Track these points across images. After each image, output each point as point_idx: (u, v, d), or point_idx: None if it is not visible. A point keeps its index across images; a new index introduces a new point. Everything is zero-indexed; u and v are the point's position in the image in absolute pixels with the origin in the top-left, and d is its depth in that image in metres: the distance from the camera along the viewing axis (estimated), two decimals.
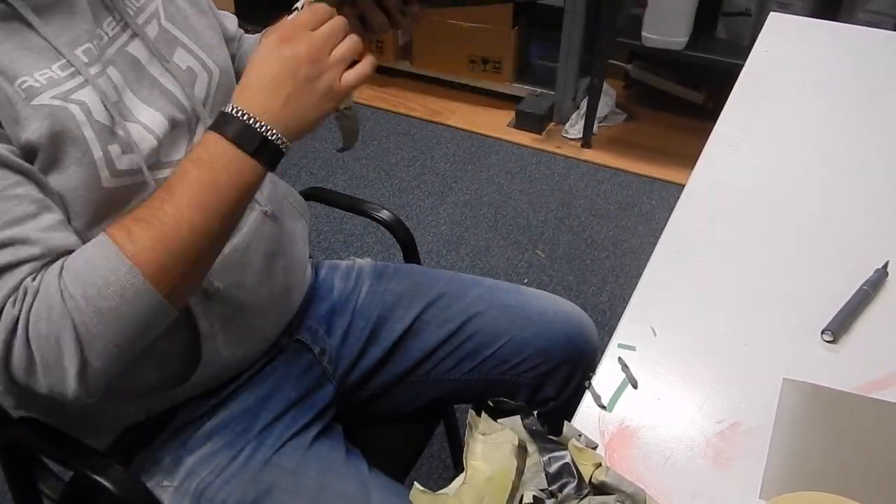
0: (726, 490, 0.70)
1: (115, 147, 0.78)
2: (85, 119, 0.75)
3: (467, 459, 0.66)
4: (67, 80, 0.75)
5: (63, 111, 0.74)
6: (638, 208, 2.49)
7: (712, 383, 0.80)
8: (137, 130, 0.81)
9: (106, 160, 0.77)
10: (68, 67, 0.76)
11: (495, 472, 0.64)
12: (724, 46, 2.43)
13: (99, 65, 0.79)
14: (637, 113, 2.94)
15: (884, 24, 2.19)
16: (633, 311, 0.88)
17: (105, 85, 0.78)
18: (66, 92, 0.75)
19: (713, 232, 0.99)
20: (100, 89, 0.77)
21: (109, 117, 0.77)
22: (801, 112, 1.24)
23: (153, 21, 0.87)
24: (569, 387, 1.10)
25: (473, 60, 2.94)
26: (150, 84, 0.84)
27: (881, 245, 0.96)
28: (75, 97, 0.75)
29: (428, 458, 1.72)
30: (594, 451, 0.68)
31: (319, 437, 0.97)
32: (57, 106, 0.74)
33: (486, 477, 0.64)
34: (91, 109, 0.76)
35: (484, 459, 0.65)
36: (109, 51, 0.81)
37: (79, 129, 0.75)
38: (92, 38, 0.79)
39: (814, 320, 0.85)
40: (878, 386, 0.79)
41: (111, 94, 0.79)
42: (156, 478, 0.92)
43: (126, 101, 0.81)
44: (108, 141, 0.77)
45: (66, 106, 0.74)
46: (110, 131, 0.77)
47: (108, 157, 0.77)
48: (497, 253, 2.31)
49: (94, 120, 0.76)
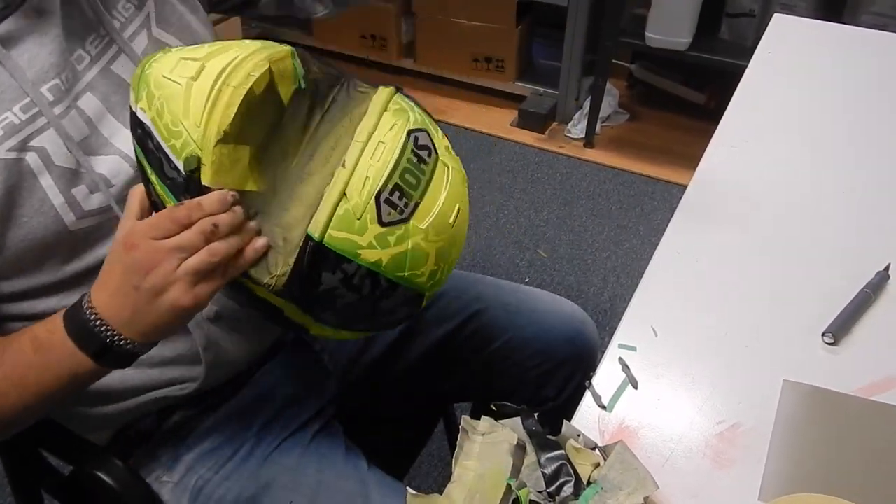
0: (726, 491, 0.70)
1: (80, 189, 0.77)
2: (43, 166, 0.74)
3: (457, 461, 0.65)
4: (27, 125, 0.74)
5: (18, 163, 0.73)
6: (640, 208, 2.49)
7: (713, 384, 0.80)
8: (112, 163, 0.79)
9: (69, 204, 0.76)
10: (31, 108, 0.74)
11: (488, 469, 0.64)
12: (727, 47, 2.43)
13: (67, 100, 0.77)
14: (640, 113, 2.94)
15: (888, 26, 2.19)
16: (633, 311, 0.88)
17: (71, 124, 0.76)
18: (25, 139, 0.73)
19: (715, 233, 0.99)
20: (63, 132, 0.75)
21: (74, 160, 0.76)
22: (804, 113, 1.24)
23: (142, 32, 0.85)
24: (569, 387, 1.10)
25: (476, 59, 2.94)
26: None
27: (882, 247, 0.96)
28: (34, 143, 0.74)
29: (427, 456, 1.72)
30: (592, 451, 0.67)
31: (319, 435, 0.97)
32: (12, 159, 0.72)
33: (477, 474, 0.64)
34: (51, 154, 0.75)
35: (478, 459, 0.65)
36: (88, 75, 0.79)
37: (35, 178, 0.74)
38: (62, 70, 0.76)
39: (814, 322, 0.85)
40: (879, 388, 0.79)
41: (80, 131, 0.77)
42: (155, 473, 0.92)
43: (103, 129, 0.80)
44: (72, 183, 0.76)
45: (23, 157, 0.73)
46: (74, 173, 0.76)
47: (71, 200, 0.76)
48: (498, 252, 2.31)
49: (53, 166, 0.75)
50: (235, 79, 0.65)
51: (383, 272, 0.68)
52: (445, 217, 0.70)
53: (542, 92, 2.89)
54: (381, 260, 0.67)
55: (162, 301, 0.66)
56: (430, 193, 0.69)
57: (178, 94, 0.66)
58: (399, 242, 0.67)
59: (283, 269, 0.67)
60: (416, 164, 0.68)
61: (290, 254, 0.67)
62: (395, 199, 0.66)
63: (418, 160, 0.68)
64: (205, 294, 0.67)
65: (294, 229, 0.67)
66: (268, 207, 0.68)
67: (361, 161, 0.66)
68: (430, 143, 0.70)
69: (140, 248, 0.66)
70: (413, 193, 0.68)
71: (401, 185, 0.67)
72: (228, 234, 0.66)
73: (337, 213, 0.65)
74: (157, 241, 0.65)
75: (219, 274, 0.66)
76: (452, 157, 0.73)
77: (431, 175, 0.69)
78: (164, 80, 0.67)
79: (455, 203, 0.71)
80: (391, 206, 0.66)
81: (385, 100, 0.71)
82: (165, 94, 0.66)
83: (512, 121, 2.89)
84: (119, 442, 0.94)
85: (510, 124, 2.89)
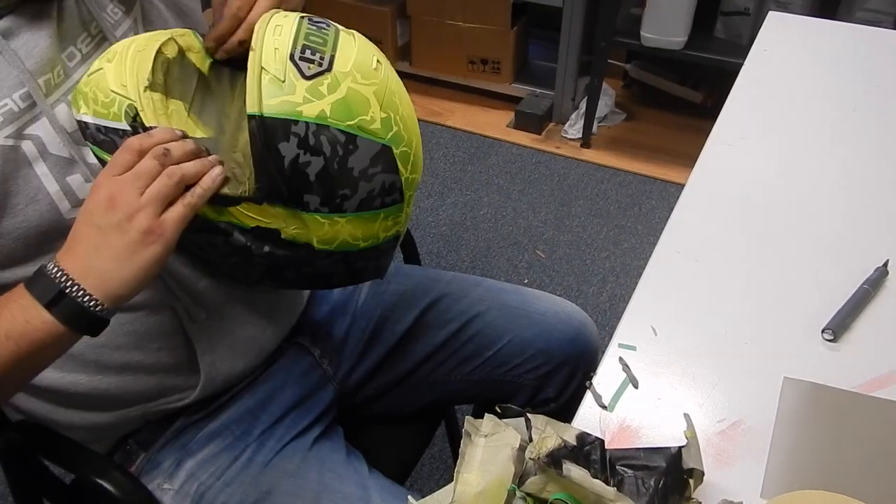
0: (727, 489, 0.70)
1: (75, 178, 0.78)
2: (38, 154, 0.76)
3: (459, 472, 0.65)
4: (25, 113, 0.75)
5: (14, 151, 0.74)
6: (638, 208, 2.49)
7: (713, 382, 0.80)
8: None
9: (65, 192, 0.77)
10: (28, 98, 0.75)
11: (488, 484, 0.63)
12: (722, 46, 2.43)
13: (58, 93, 0.78)
14: (636, 112, 2.94)
15: (882, 23, 2.19)
16: (633, 310, 0.88)
17: (63, 115, 0.78)
18: (21, 127, 0.75)
19: (713, 231, 0.99)
20: (56, 122, 0.76)
21: (67, 150, 0.77)
22: (801, 111, 1.24)
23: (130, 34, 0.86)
24: (569, 387, 1.10)
25: (472, 61, 2.94)
26: None
27: (881, 243, 0.96)
28: (29, 131, 0.75)
29: (429, 458, 1.72)
30: None
31: (320, 439, 0.97)
32: (9, 146, 0.74)
33: (477, 492, 0.63)
34: (45, 143, 0.76)
35: (480, 469, 0.65)
36: (79, 72, 0.80)
37: (30, 166, 0.75)
38: (55, 65, 0.78)
39: (814, 319, 0.85)
40: (879, 384, 0.79)
41: (71, 124, 0.78)
42: (156, 480, 0.92)
43: None
44: (67, 172, 0.77)
45: (19, 144, 0.74)
46: (68, 162, 0.77)
47: (66, 188, 0.77)
48: (497, 253, 2.31)
49: (48, 154, 0.76)
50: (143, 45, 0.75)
51: (332, 124, 0.70)
52: (367, 62, 0.74)
53: (538, 93, 2.90)
54: (323, 111, 0.70)
55: (129, 234, 0.66)
56: (342, 47, 0.73)
57: (102, 75, 0.73)
58: (332, 90, 0.70)
59: (248, 173, 0.72)
60: (318, 30, 0.73)
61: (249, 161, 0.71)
62: (309, 55, 0.71)
63: (318, 28, 0.74)
64: (171, 221, 0.67)
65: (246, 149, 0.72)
66: (218, 148, 0.74)
67: (265, 39, 0.71)
68: (324, 21, 0.76)
69: (101, 187, 0.67)
70: (324, 49, 0.72)
71: (308, 45, 0.72)
72: (184, 160, 0.69)
73: (262, 84, 0.69)
74: (117, 177, 0.67)
75: (185, 202, 0.68)
76: None
77: (336, 36, 0.74)
78: (88, 77, 0.74)
79: (370, 52, 0.75)
80: (307, 62, 0.71)
81: None
82: (92, 82, 0.73)
83: (508, 122, 2.90)
84: (120, 450, 0.94)
85: (507, 126, 2.89)
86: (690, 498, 0.65)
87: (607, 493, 0.61)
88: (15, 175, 0.74)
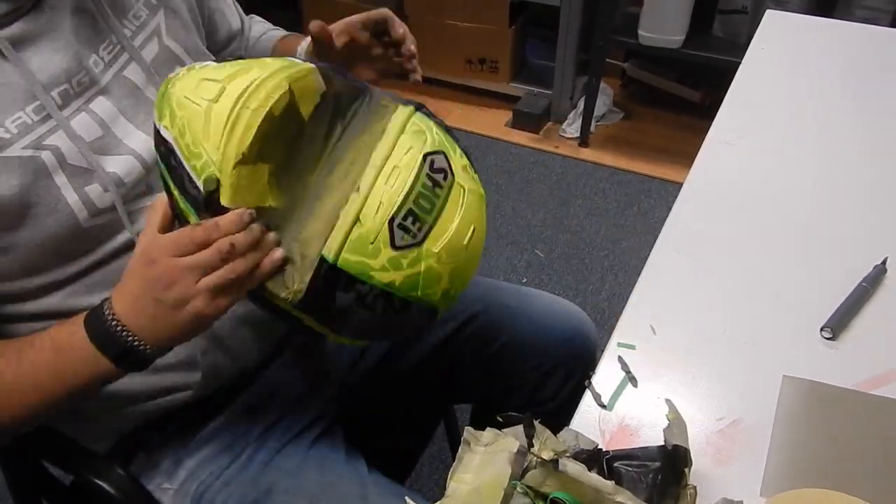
0: (727, 487, 0.70)
1: (94, 187, 0.78)
2: (57, 164, 0.76)
3: (453, 474, 0.65)
4: (40, 125, 0.75)
5: (34, 161, 0.74)
6: (636, 207, 2.49)
7: (712, 381, 0.80)
8: (124, 162, 0.81)
9: (84, 202, 0.78)
10: (42, 110, 0.75)
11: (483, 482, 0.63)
12: (720, 44, 2.43)
13: (78, 102, 0.78)
14: (634, 111, 2.94)
15: (880, 21, 2.19)
16: (632, 309, 0.88)
17: (81, 125, 0.78)
18: (39, 138, 0.75)
19: (712, 230, 0.99)
20: (72, 133, 0.77)
21: (85, 160, 0.78)
22: (798, 109, 1.24)
23: (153, 39, 0.86)
24: (567, 386, 1.10)
25: (470, 60, 2.94)
26: (146, 108, 0.84)
27: (879, 241, 0.96)
28: (48, 142, 0.75)
29: (428, 458, 1.72)
30: None
31: (320, 439, 0.97)
32: (27, 157, 0.74)
33: (472, 487, 0.63)
34: (64, 153, 0.76)
35: (476, 472, 0.65)
36: (103, 80, 0.81)
37: (49, 177, 0.75)
38: (74, 74, 0.78)
39: (813, 317, 0.85)
40: (878, 382, 0.79)
41: (92, 132, 0.79)
42: (155, 480, 0.92)
43: (117, 130, 0.81)
44: (86, 182, 0.78)
45: (38, 154, 0.75)
46: (87, 172, 0.78)
47: (85, 198, 0.78)
48: (496, 253, 2.31)
49: (67, 164, 0.77)
50: (254, 101, 0.66)
51: (396, 292, 0.69)
52: (460, 239, 0.71)
53: (536, 92, 2.90)
54: (394, 281, 0.68)
55: (184, 312, 0.69)
56: (444, 216, 0.70)
57: (199, 115, 0.67)
58: (412, 265, 0.68)
59: (299, 286, 0.68)
60: (431, 189, 0.69)
61: (306, 271, 0.68)
62: (409, 223, 0.67)
63: (433, 184, 0.69)
64: (224, 305, 0.69)
65: (311, 245, 0.68)
66: (286, 222, 0.69)
67: (376, 186, 0.67)
68: (446, 165, 0.70)
69: (159, 265, 0.68)
70: (426, 218, 0.68)
71: (414, 211, 0.67)
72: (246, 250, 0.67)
73: (350, 237, 0.67)
74: (176, 259, 0.67)
75: (237, 286, 0.68)
76: (470, 177, 0.73)
77: (446, 198, 0.70)
78: (186, 100, 0.68)
79: (470, 224, 0.71)
80: (404, 231, 0.67)
81: (403, 120, 0.71)
82: (187, 114, 0.68)
83: (506, 121, 2.89)
84: (120, 450, 0.94)
85: (505, 125, 2.89)
86: (687, 485, 0.66)
87: (606, 487, 0.61)
88: (35, 186, 0.75)
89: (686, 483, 0.66)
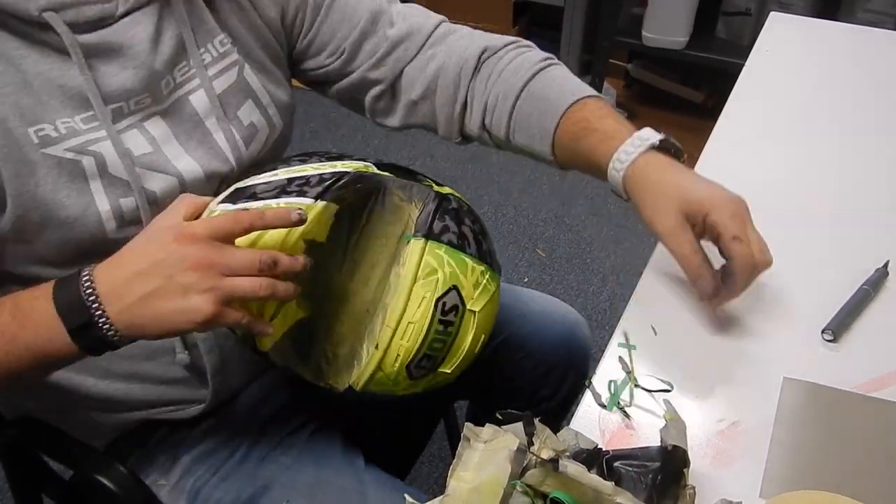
0: (726, 489, 0.70)
1: (128, 200, 0.77)
2: (96, 172, 0.74)
3: (453, 472, 0.65)
4: (88, 133, 0.74)
5: (74, 164, 0.73)
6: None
7: (712, 382, 0.80)
8: (167, 182, 0.79)
9: (114, 213, 0.76)
10: (93, 121, 0.74)
11: (483, 481, 0.63)
12: (724, 46, 2.43)
13: (132, 119, 0.77)
14: (637, 112, 2.94)
15: (884, 24, 2.19)
16: (633, 310, 0.88)
17: (132, 139, 0.77)
18: (85, 143, 0.74)
19: None
20: (120, 147, 0.75)
21: (126, 173, 0.76)
22: (801, 111, 1.24)
23: (233, 69, 0.85)
24: (564, 386, 1.10)
25: None
26: (200, 137, 0.82)
27: (882, 244, 0.96)
28: (93, 148, 0.74)
29: (428, 456, 1.72)
30: None
31: (316, 434, 0.97)
32: (69, 159, 0.73)
33: (472, 486, 0.63)
34: (107, 162, 0.75)
35: (476, 470, 0.65)
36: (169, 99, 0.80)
37: (86, 182, 0.74)
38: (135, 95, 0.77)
39: (814, 319, 0.85)
40: (879, 385, 0.79)
41: (141, 148, 0.78)
42: (152, 476, 0.91)
43: (166, 150, 0.80)
44: (122, 194, 0.76)
45: (80, 159, 0.73)
46: (125, 184, 0.76)
47: (117, 210, 0.76)
48: (498, 252, 2.29)
49: (107, 173, 0.75)
50: None
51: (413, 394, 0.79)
52: (470, 356, 0.78)
53: None
54: (415, 392, 0.79)
55: (182, 301, 0.64)
56: (456, 344, 0.77)
57: None
58: (428, 383, 0.79)
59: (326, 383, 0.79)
60: (443, 331, 0.75)
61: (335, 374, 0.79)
62: (424, 363, 0.75)
63: (445, 326, 0.74)
64: (224, 319, 0.66)
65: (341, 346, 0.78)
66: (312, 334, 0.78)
67: (392, 343, 0.74)
68: (458, 299, 0.75)
69: (199, 244, 0.64)
70: (439, 353, 0.76)
71: (428, 353, 0.75)
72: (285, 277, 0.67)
73: (374, 378, 0.76)
74: (220, 246, 0.65)
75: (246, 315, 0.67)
76: (481, 292, 0.77)
77: (458, 330, 0.76)
78: None
79: (480, 338, 0.79)
80: (420, 368, 0.76)
81: (416, 262, 0.74)
82: None
83: None
84: (117, 446, 0.94)
85: None
86: (686, 485, 0.66)
87: (605, 488, 0.61)
88: (69, 187, 0.73)
89: (685, 483, 0.66)
